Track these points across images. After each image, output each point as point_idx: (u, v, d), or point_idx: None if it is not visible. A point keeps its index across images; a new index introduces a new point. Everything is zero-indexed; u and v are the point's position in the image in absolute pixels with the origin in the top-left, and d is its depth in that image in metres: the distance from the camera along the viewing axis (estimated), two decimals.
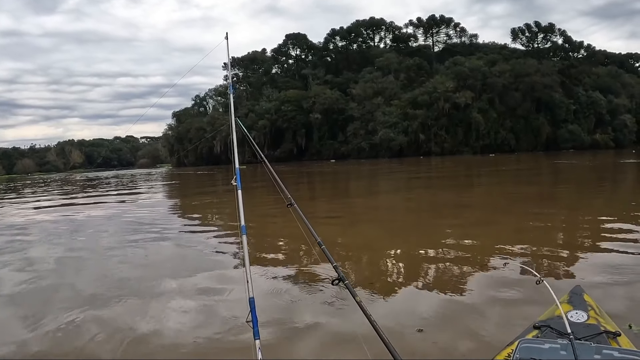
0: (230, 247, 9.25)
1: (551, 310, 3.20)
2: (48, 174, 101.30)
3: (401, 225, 11.44)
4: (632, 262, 6.40)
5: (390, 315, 5.01)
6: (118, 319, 5.35)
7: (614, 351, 2.39)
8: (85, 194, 27.97)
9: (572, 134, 68.82)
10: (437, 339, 4.32)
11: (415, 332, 4.42)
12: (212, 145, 76.60)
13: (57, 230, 12.22)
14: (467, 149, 65.92)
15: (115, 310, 5.65)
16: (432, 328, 4.56)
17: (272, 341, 4.43)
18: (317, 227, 2.90)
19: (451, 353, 4.02)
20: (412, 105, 67.86)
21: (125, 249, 9.40)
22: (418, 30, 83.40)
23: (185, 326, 5.03)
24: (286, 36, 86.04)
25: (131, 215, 15.28)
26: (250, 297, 2.41)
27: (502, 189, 19.92)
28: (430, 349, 4.13)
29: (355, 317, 2.66)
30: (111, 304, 5.86)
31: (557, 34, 77.71)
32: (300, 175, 37.78)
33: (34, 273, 7.71)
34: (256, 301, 2.44)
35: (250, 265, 2.60)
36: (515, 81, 68.32)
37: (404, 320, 4.83)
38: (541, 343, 2.53)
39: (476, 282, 6.06)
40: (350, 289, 2.39)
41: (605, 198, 14.96)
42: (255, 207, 14.40)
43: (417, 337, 4.35)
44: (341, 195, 20.33)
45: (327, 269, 2.65)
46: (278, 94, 77.18)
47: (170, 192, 28.44)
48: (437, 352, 4.10)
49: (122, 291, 6.39)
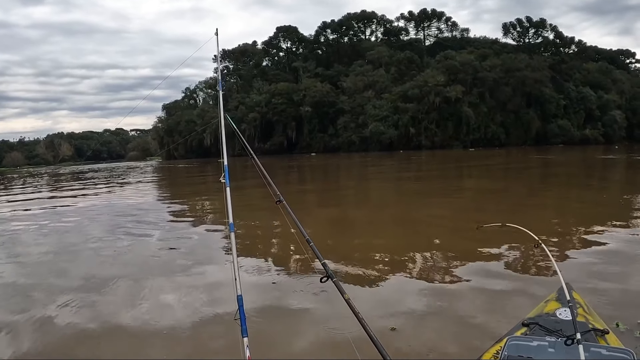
0: (219, 244, 9.22)
1: (540, 307, 3.25)
2: (37, 167, 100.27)
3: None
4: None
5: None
6: (105, 313, 5.38)
7: (602, 349, 2.41)
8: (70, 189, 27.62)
9: (562, 129, 68.93)
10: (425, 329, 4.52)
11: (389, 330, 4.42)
12: (202, 138, 76.06)
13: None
14: (458, 143, 65.83)
15: (103, 307, 5.63)
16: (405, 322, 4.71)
17: (261, 339, 4.37)
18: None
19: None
20: (402, 99, 67.60)
21: (108, 244, 9.28)
22: (409, 23, 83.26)
23: (172, 324, 5.00)
24: (277, 29, 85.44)
25: (117, 210, 15.12)
26: (238, 295, 2.37)
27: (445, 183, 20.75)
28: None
29: (344, 315, 2.64)
30: (98, 302, 5.81)
31: (548, 29, 77.80)
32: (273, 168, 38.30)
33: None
34: (245, 298, 2.41)
35: (239, 263, 2.57)
36: (506, 76, 68.23)
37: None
38: (529, 340, 2.53)
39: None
40: (339, 286, 2.35)
41: (554, 195, 15.41)
42: (244, 203, 14.33)
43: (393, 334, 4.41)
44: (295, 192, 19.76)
45: (317, 265, 2.58)
46: (268, 87, 76.60)
47: (158, 187, 28.06)
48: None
49: (103, 287, 6.35)
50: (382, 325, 4.49)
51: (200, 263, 7.52)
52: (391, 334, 4.35)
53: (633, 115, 74.68)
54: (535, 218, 10.25)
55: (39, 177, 46.29)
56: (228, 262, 6.95)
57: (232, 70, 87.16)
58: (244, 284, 2.49)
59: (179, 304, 5.64)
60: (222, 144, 3.09)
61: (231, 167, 2.95)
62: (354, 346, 2.37)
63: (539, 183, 19.87)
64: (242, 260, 7.49)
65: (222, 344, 4.37)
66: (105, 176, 38.75)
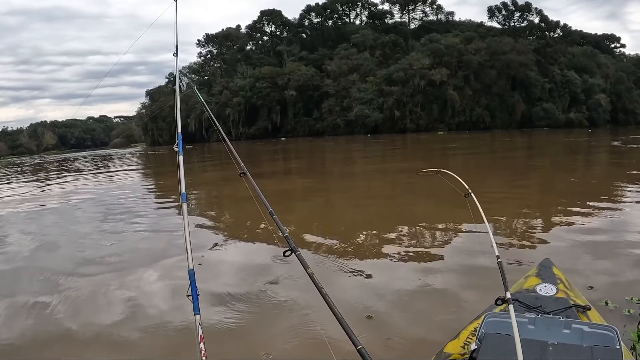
0: (176, 218, 9.26)
1: (520, 283, 3.16)
2: (21, 157, 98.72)
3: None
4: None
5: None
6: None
7: (584, 325, 2.32)
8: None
9: (546, 112, 68.94)
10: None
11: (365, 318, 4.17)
12: (186, 124, 75.12)
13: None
14: (442, 126, 65.67)
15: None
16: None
17: (215, 316, 4.27)
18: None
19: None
20: (387, 82, 67.29)
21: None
22: (394, 7, 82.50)
23: (122, 303, 4.84)
24: (261, 12, 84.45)
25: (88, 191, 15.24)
26: (190, 269, 2.12)
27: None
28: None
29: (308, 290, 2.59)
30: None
31: (533, 12, 77.51)
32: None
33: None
34: (202, 274, 2.24)
35: (204, 234, 2.27)
36: (491, 59, 68.04)
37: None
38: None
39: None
40: (302, 259, 2.23)
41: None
42: (216, 179, 14.45)
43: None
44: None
45: (280, 239, 2.46)
46: (253, 71, 75.73)
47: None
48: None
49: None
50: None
51: (155, 237, 7.63)
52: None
53: (617, 99, 74.94)
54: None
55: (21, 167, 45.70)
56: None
57: (216, 54, 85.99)
58: (203, 260, 2.32)
59: (129, 280, 5.57)
60: (177, 110, 3.13)
61: (215, 150, 2.66)
62: (318, 322, 2.39)
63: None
64: (204, 233, 7.58)
65: (174, 323, 4.22)
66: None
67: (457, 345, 2.65)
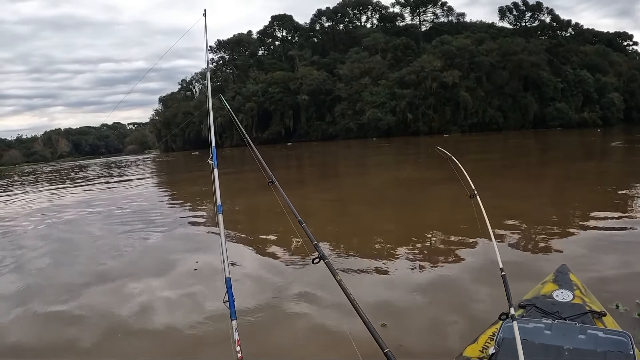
0: (209, 228, 9.39)
1: (537, 289, 3.24)
2: (36, 164, 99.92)
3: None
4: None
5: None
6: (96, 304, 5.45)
7: (599, 331, 2.38)
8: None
9: (559, 112, 68.54)
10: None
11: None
12: (199, 130, 75.74)
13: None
14: (456, 128, 65.69)
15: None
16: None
17: (251, 322, 4.44)
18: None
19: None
20: (399, 85, 67.37)
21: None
22: (405, 9, 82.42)
23: (161, 309, 5.05)
24: (272, 17, 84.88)
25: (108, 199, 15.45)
26: (227, 277, 2.32)
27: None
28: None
29: (337, 297, 2.70)
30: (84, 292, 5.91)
31: (544, 12, 77.18)
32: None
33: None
34: (236, 282, 2.39)
35: (233, 245, 2.51)
36: (503, 60, 67.88)
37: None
38: (526, 322, 2.51)
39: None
40: (331, 267, 2.33)
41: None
42: (240, 188, 14.68)
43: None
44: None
45: (310, 247, 2.57)
46: (265, 76, 76.21)
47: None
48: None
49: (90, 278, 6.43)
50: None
51: (191, 247, 7.68)
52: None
53: (631, 98, 74.13)
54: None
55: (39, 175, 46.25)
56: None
57: (228, 60, 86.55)
58: (236, 267, 2.58)
59: (167, 287, 5.72)
60: (210, 124, 3.16)
61: (229, 156, 2.94)
62: (346, 328, 2.44)
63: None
64: (236, 243, 7.68)
65: (210, 328, 4.40)
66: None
67: (476, 349, 2.73)
